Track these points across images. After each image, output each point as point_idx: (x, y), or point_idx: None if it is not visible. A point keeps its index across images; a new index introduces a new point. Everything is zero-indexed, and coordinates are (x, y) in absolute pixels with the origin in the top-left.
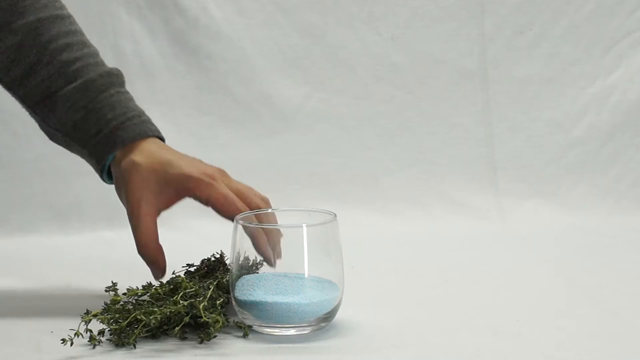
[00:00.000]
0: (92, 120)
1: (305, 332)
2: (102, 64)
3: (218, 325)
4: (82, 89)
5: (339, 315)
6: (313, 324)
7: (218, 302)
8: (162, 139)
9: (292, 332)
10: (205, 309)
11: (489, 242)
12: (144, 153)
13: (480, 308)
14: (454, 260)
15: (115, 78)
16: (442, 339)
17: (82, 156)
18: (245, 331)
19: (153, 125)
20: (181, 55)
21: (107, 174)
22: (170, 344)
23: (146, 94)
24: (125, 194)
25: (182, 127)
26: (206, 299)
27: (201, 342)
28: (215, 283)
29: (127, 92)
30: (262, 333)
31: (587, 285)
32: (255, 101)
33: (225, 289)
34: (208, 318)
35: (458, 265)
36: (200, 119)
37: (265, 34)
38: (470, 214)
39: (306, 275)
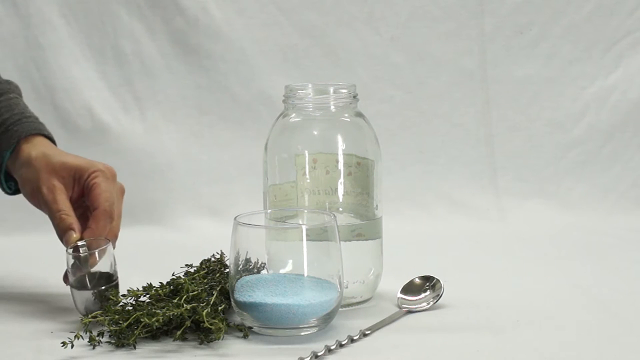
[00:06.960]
0: None
1: (305, 333)
2: None
3: (220, 333)
4: None
5: (338, 316)
6: (313, 325)
7: (220, 307)
8: (54, 142)
9: (292, 333)
10: (207, 315)
11: (489, 242)
12: (46, 146)
13: (480, 308)
14: (454, 260)
15: (13, 87)
16: (442, 339)
17: None
18: (246, 332)
19: (47, 129)
20: (181, 55)
21: (3, 175)
22: (170, 344)
23: (146, 94)
24: (37, 182)
25: (182, 127)
26: (209, 305)
27: (201, 343)
28: (218, 288)
29: (23, 102)
30: (262, 334)
31: (587, 285)
32: (255, 101)
33: (228, 294)
34: (210, 324)
35: (458, 265)
36: (200, 118)
37: (265, 34)
38: (470, 213)
39: (305, 276)
